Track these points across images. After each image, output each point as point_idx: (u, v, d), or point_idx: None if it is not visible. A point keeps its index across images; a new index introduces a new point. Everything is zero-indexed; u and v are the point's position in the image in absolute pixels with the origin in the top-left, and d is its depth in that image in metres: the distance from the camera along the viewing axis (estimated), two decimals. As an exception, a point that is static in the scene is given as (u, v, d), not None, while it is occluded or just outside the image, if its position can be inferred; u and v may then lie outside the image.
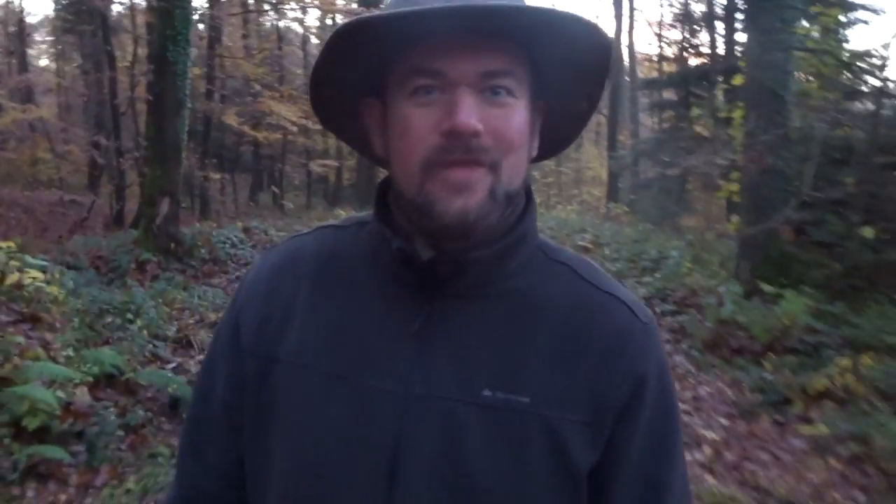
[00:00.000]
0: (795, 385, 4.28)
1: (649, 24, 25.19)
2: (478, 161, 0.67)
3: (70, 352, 3.84)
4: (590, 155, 26.99)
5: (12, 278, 3.82)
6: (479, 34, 0.66)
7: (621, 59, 21.26)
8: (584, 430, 0.70)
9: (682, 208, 13.88)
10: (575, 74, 0.74)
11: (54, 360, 3.67)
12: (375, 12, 0.65)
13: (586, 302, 0.75)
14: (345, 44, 0.68)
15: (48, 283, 4.28)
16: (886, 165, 6.30)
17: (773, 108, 5.90)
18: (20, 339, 3.53)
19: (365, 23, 0.66)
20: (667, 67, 21.40)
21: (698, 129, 12.24)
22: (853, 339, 4.67)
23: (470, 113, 0.65)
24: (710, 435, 3.87)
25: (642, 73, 24.02)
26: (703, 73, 14.35)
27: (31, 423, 3.18)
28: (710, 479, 3.33)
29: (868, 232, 5.10)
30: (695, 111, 8.53)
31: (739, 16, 13.58)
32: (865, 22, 16.47)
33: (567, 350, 0.72)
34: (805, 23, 6.89)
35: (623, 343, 0.73)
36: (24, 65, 17.40)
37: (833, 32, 7.61)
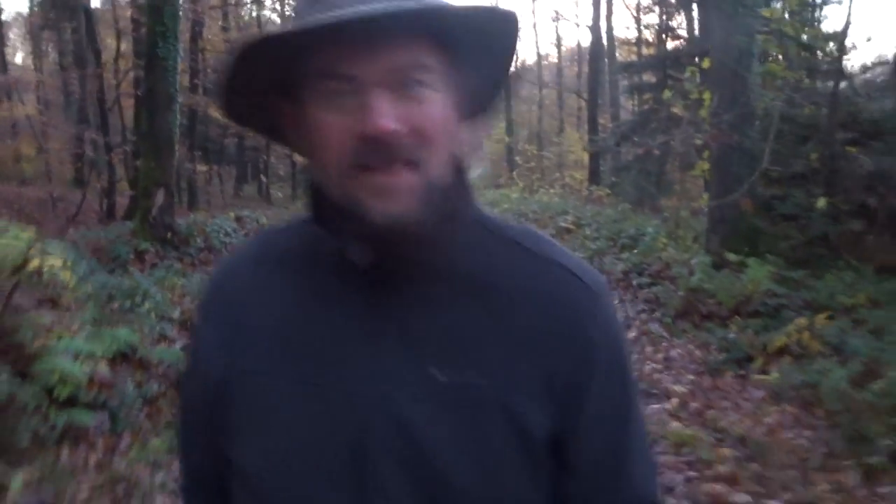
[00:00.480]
0: (757, 343, 4.71)
1: (627, 7, 25.49)
2: (399, 161, 0.66)
3: (88, 331, 4.17)
4: (571, 139, 27.37)
5: (34, 264, 4.13)
6: (384, 32, 0.64)
7: (600, 43, 21.60)
8: (538, 402, 0.72)
9: (662, 189, 14.32)
10: (487, 53, 0.73)
11: (76, 338, 4.01)
12: (275, 30, 0.65)
13: (531, 273, 0.76)
14: (247, 62, 0.67)
15: (61, 269, 4.59)
16: (845, 141, 6.73)
17: (735, 88, 6.29)
18: (46, 318, 3.86)
19: (267, 39, 0.65)
20: (646, 51, 21.82)
21: (675, 110, 12.66)
22: (811, 302, 5.11)
23: (383, 114, 0.64)
24: (678, 388, 4.29)
25: (622, 56, 24.40)
26: (679, 56, 14.76)
27: (62, 392, 3.52)
28: (675, 423, 3.74)
29: (822, 203, 5.52)
30: (666, 93, 8.89)
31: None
32: (838, 2, 16.95)
33: (516, 325, 0.73)
34: (774, 4, 7.30)
35: (571, 311, 0.74)
36: (2, 63, 17.45)
37: (796, 14, 8.00)
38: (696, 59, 13.91)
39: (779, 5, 8.18)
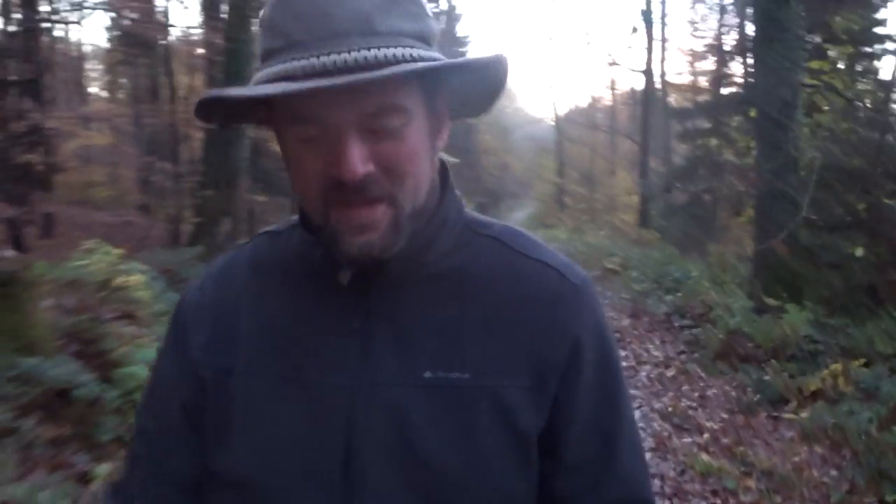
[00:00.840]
0: (792, 386, 4.84)
1: (682, 53, 25.70)
2: (374, 198, 0.68)
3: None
4: (623, 182, 27.49)
5: (117, 281, 4.60)
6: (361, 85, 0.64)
7: (652, 88, 21.84)
8: (527, 394, 0.73)
9: (711, 234, 14.35)
10: (470, 88, 0.75)
11: (151, 349, 4.44)
12: (234, 91, 0.65)
13: (516, 271, 0.78)
14: (216, 107, 0.69)
15: (140, 287, 5.06)
16: (890, 192, 6.83)
17: (778, 137, 6.49)
18: (126, 330, 4.30)
19: (223, 99, 0.67)
20: (700, 97, 21.94)
21: (728, 156, 12.81)
22: (848, 348, 5.21)
23: (355, 162, 0.65)
24: (710, 425, 4.46)
25: (675, 101, 24.56)
26: (729, 103, 14.90)
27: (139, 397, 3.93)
28: (704, 455, 3.92)
29: (859, 250, 5.64)
30: (712, 141, 9.10)
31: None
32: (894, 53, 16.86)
33: (502, 319, 0.75)
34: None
35: (555, 306, 0.76)
36: (83, 95, 18.60)
37: (845, 67, 8.15)
38: (745, 108, 14.08)
39: (833, 53, 8.38)
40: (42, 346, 3.88)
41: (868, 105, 6.85)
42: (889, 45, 11.87)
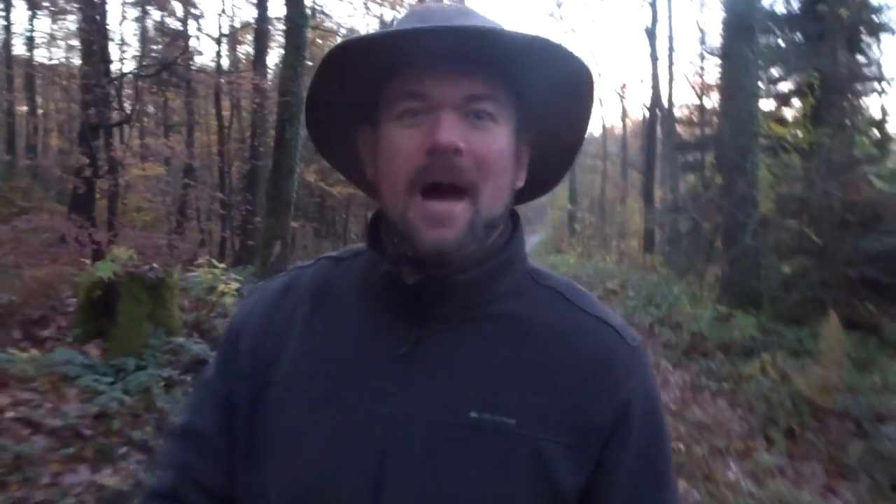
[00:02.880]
0: (733, 372, 6.40)
1: (692, 86, 27.31)
2: (457, 186, 0.71)
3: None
4: (632, 209, 29.08)
5: (220, 288, 6.25)
6: (462, 59, 0.70)
7: (655, 122, 23.53)
8: (568, 452, 0.72)
9: (710, 258, 15.91)
10: (557, 103, 0.78)
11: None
12: (364, 35, 0.71)
13: (573, 325, 0.78)
14: (337, 66, 0.73)
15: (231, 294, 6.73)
16: (840, 224, 8.39)
17: (736, 177, 8.13)
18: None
19: (353, 44, 0.71)
20: (708, 129, 23.53)
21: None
22: (780, 345, 6.78)
23: (451, 131, 0.69)
24: (665, 397, 6.04)
25: (684, 132, 26.17)
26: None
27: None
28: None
29: (785, 269, 7.22)
30: (689, 177, 10.72)
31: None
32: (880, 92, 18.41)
33: (553, 372, 0.74)
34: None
35: (608, 365, 0.76)
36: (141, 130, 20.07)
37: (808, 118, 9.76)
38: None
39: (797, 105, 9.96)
40: (178, 332, 5.53)
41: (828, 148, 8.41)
42: (875, 85, 13.45)
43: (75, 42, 15.97)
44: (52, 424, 3.78)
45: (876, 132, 13.46)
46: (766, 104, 13.46)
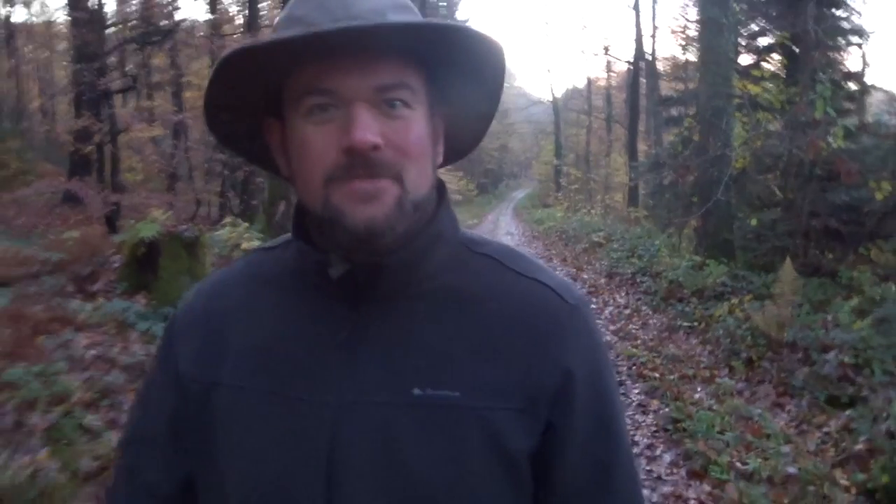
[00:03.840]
0: (705, 315, 7.25)
1: (675, 35, 27.60)
2: (380, 175, 0.69)
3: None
4: (617, 163, 29.82)
5: (244, 245, 6.94)
6: (367, 49, 0.68)
7: (639, 76, 24.08)
8: (518, 416, 0.73)
9: (689, 212, 16.77)
10: (468, 79, 0.77)
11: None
12: (261, 39, 0.68)
13: (511, 290, 0.78)
14: (233, 70, 0.70)
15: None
16: (803, 181, 9.19)
17: (712, 135, 8.86)
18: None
19: (249, 50, 0.68)
20: (693, 85, 24.10)
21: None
22: (748, 290, 7.62)
23: (366, 128, 0.67)
24: (644, 336, 6.89)
25: (667, 87, 26.73)
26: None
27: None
28: (633, 349, 6.35)
29: (753, 221, 8.03)
30: (672, 135, 11.45)
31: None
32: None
33: (495, 339, 0.75)
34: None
35: (549, 327, 0.76)
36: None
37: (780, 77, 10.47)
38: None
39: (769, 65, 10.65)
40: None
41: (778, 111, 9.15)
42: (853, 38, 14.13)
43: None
44: (124, 361, 4.51)
45: (851, 85, 14.23)
46: (745, 59, 14.22)
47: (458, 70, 0.75)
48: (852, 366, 4.89)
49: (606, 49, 31.63)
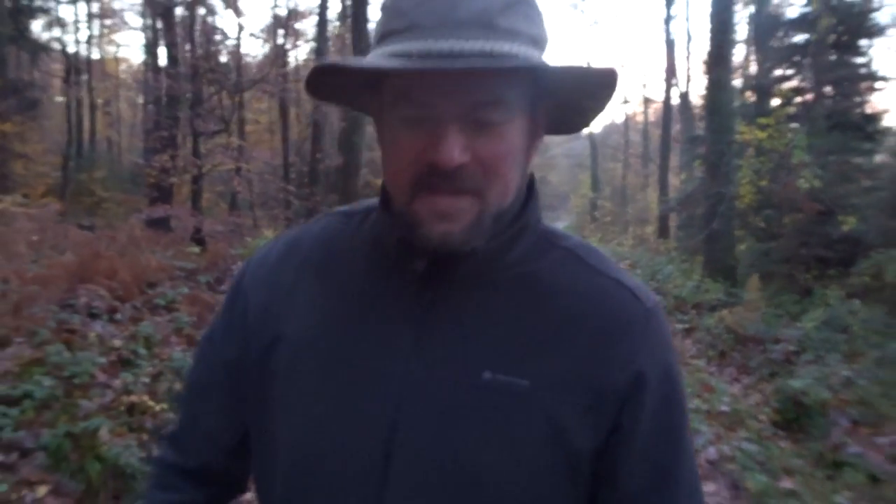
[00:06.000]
0: (699, 322, 9.08)
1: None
2: (462, 190, 0.70)
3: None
4: (652, 197, 31.51)
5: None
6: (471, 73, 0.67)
7: (671, 113, 25.95)
8: (584, 413, 0.74)
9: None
10: (576, 100, 0.78)
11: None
12: (360, 61, 0.69)
13: (589, 286, 0.79)
14: (329, 73, 0.72)
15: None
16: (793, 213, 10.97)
17: (716, 174, 10.74)
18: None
19: (344, 67, 0.70)
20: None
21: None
22: (738, 304, 9.43)
23: (453, 148, 0.68)
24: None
25: (700, 124, 28.39)
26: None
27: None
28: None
29: (742, 248, 9.85)
30: (683, 175, 13.31)
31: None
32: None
33: (569, 333, 0.75)
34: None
35: (624, 327, 0.76)
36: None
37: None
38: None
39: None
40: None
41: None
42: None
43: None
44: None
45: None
46: (775, 102, 15.74)
47: (566, 96, 0.76)
48: (794, 352, 6.72)
49: (644, 85, 33.58)
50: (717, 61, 10.91)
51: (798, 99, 14.98)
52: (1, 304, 4.38)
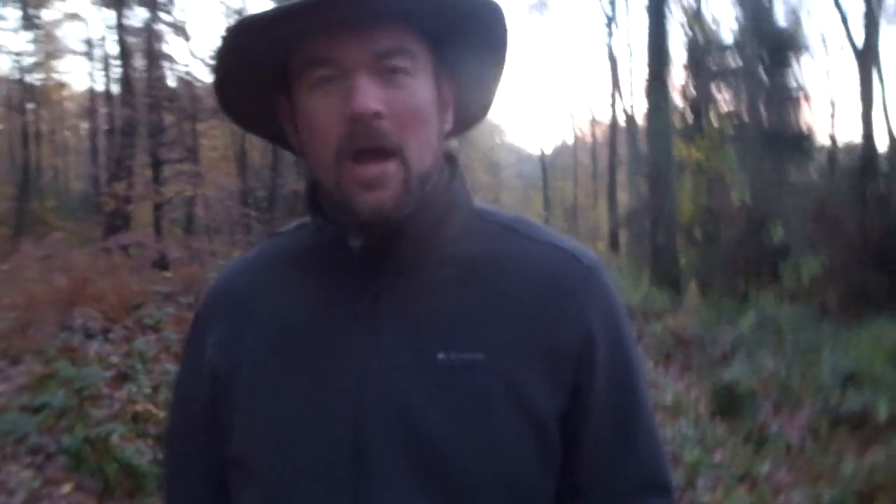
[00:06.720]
0: (647, 328, 9.87)
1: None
2: (384, 148, 0.73)
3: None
4: (602, 214, 32.71)
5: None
6: (365, 17, 0.71)
7: (616, 131, 27.13)
8: (543, 377, 0.76)
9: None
10: (471, 43, 0.79)
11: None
12: (260, 12, 0.71)
13: (527, 255, 0.82)
14: (237, 48, 0.74)
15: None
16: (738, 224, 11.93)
17: (656, 188, 11.62)
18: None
19: (251, 23, 0.72)
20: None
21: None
22: (679, 309, 10.27)
23: (366, 95, 0.70)
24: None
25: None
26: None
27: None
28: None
29: (682, 260, 10.74)
30: (629, 192, 14.21)
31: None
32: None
33: (515, 303, 0.78)
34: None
35: (568, 288, 0.80)
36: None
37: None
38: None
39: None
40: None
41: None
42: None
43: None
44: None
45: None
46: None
47: (459, 34, 0.78)
48: (729, 351, 7.52)
49: (589, 107, 34.79)
50: (655, 87, 11.84)
51: (732, 118, 16.21)
52: (10, 326, 4.83)
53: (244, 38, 0.74)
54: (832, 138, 17.91)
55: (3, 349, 4.67)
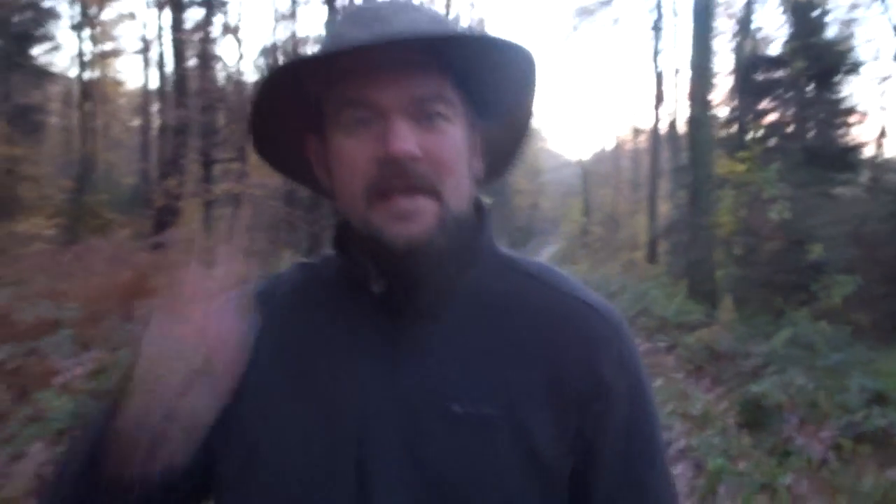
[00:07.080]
0: (681, 340, 10.03)
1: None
2: (417, 188, 0.74)
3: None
4: (641, 223, 32.60)
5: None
6: (404, 62, 0.73)
7: (659, 141, 27.13)
8: (550, 421, 0.78)
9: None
10: (501, 90, 0.82)
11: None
12: (300, 56, 0.77)
13: (548, 305, 0.83)
14: (275, 88, 0.77)
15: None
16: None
17: (696, 206, 11.75)
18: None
19: (291, 66, 0.75)
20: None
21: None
22: (713, 323, 10.39)
23: (404, 138, 0.72)
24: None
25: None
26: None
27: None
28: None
29: (723, 270, 10.85)
30: (670, 203, 14.31)
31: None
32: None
33: (532, 353, 0.80)
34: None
35: (585, 340, 0.81)
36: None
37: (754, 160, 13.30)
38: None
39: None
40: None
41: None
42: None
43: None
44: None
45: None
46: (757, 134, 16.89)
47: (490, 81, 0.80)
48: (761, 366, 7.67)
49: (631, 115, 34.78)
50: (697, 100, 11.98)
51: (777, 132, 16.18)
52: (81, 315, 5.27)
53: (287, 78, 0.78)
54: (879, 155, 17.76)
55: (75, 336, 5.09)
